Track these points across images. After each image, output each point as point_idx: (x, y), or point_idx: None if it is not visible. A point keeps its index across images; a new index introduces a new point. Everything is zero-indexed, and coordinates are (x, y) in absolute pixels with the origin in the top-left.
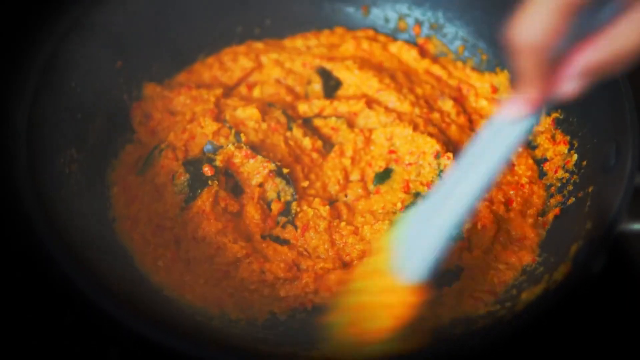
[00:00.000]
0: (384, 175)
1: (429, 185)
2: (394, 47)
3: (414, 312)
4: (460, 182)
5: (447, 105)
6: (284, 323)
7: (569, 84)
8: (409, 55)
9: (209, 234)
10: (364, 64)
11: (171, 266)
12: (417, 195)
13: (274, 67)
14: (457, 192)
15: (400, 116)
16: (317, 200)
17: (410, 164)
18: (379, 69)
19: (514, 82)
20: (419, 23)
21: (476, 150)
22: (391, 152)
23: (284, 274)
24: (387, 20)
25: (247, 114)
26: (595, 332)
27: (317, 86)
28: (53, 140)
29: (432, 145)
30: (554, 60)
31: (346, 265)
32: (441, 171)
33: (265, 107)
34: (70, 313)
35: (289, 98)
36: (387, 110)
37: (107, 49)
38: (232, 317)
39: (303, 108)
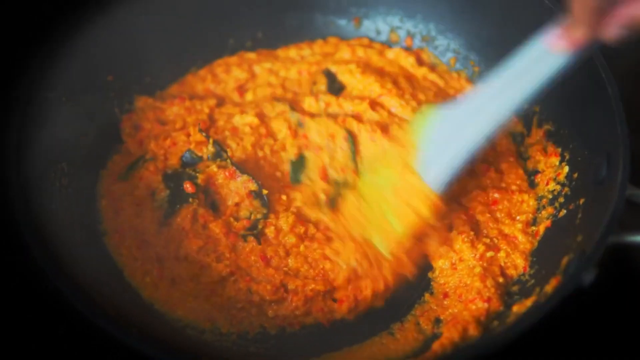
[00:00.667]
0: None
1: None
2: (391, 54)
3: (425, 225)
4: (493, 99)
5: None
6: (274, 336)
7: (612, 31)
8: (407, 62)
9: (190, 252)
10: (367, 68)
11: (158, 283)
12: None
13: (269, 76)
14: (488, 107)
15: (401, 122)
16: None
17: None
18: (380, 74)
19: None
20: (410, 35)
21: (513, 69)
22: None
23: (269, 297)
24: (378, 32)
25: (245, 122)
26: (600, 346)
27: (322, 87)
28: (43, 154)
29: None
30: (603, 8)
31: (333, 290)
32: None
33: (262, 113)
34: (64, 324)
35: (289, 95)
36: (390, 114)
37: (98, 62)
38: (224, 331)
39: (309, 102)
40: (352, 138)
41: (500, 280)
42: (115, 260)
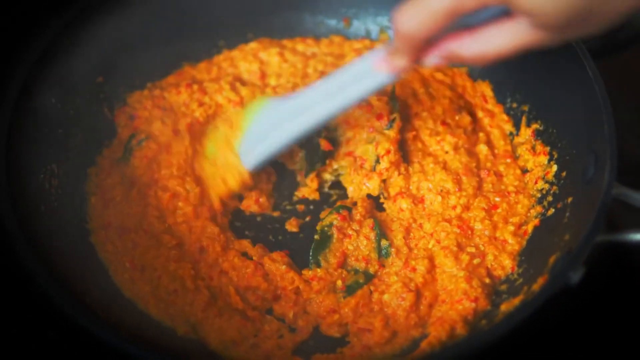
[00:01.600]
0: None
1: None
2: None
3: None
4: (315, 102)
5: (465, 121)
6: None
7: (431, 59)
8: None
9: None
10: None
11: (133, 276)
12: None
13: (288, 66)
14: (310, 108)
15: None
16: None
17: None
18: (402, 86)
19: (388, 44)
20: None
21: (340, 79)
22: None
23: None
24: (368, 32)
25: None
26: (589, 344)
27: None
28: (33, 156)
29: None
30: (425, 43)
31: None
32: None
33: None
34: (54, 327)
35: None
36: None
37: (87, 65)
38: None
39: None
40: (379, 226)
41: (487, 281)
42: (102, 260)
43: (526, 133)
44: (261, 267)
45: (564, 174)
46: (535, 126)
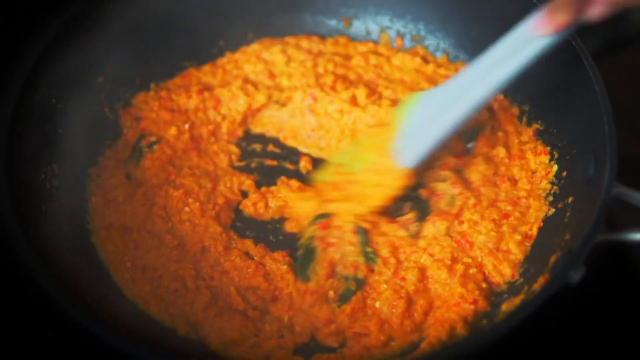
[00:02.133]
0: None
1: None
2: (397, 60)
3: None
4: (474, 82)
5: (484, 117)
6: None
7: (596, 9)
8: (414, 63)
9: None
10: (404, 86)
11: (134, 276)
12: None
13: (298, 65)
14: (469, 91)
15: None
16: None
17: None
18: (413, 89)
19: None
20: (400, 35)
21: (496, 54)
22: None
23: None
24: (368, 32)
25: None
26: (599, 342)
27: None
28: (34, 156)
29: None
30: None
31: None
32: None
33: None
34: (54, 327)
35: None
36: None
37: (87, 65)
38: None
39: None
40: (363, 230)
41: (484, 285)
42: (102, 259)
43: (527, 133)
44: (262, 267)
45: (564, 173)
46: (535, 126)
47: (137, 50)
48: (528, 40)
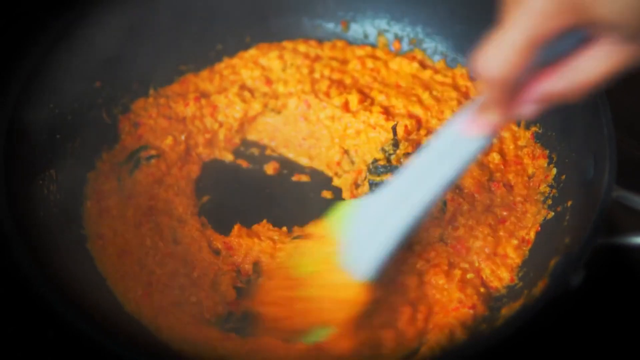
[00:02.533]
0: None
1: None
2: (394, 64)
3: (359, 310)
4: (413, 186)
5: None
6: None
7: (527, 108)
8: (411, 68)
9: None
10: (398, 90)
11: (137, 289)
12: None
13: (294, 71)
14: (409, 195)
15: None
16: None
17: None
18: (406, 95)
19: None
20: (398, 38)
21: (431, 155)
22: None
23: None
24: (366, 35)
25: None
26: (600, 346)
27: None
28: (31, 161)
29: None
30: (516, 87)
31: None
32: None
33: None
34: (54, 327)
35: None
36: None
37: (85, 70)
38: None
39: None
40: None
41: (482, 290)
42: (98, 268)
43: (525, 136)
44: None
45: (563, 177)
46: (534, 129)
47: (135, 55)
48: (461, 141)
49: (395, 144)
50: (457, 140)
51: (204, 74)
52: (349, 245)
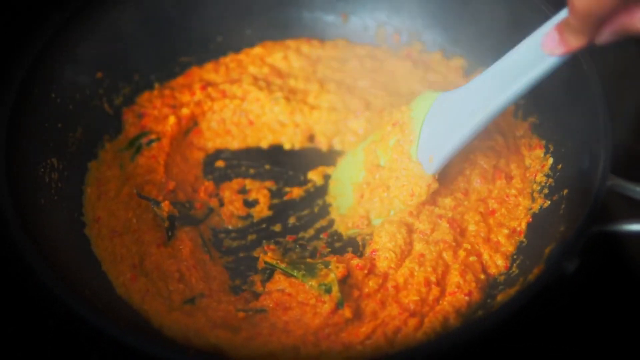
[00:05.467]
0: None
1: None
2: (389, 65)
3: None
4: (488, 91)
5: None
6: None
7: (604, 37)
8: (405, 69)
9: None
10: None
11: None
12: None
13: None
14: (484, 99)
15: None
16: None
17: None
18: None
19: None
20: (397, 31)
21: (508, 63)
22: None
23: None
24: (365, 28)
25: None
26: (595, 333)
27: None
28: (33, 149)
29: None
30: (600, 19)
31: None
32: None
33: None
34: (54, 317)
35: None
36: None
37: (86, 60)
38: None
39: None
40: None
41: (482, 277)
42: (94, 252)
43: (522, 127)
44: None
45: (559, 166)
46: (531, 120)
47: (135, 46)
48: (539, 56)
49: None
50: (537, 52)
51: (208, 66)
52: (424, 138)
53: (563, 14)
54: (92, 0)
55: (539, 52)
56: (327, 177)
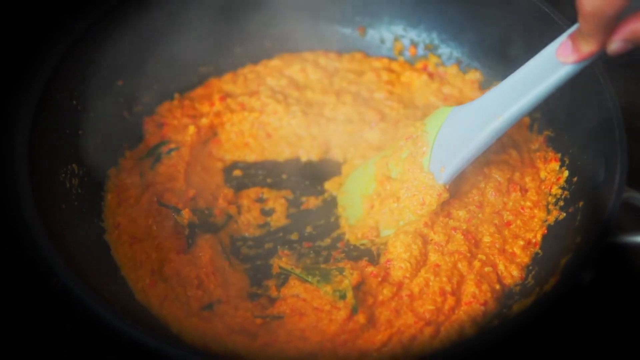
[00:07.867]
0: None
1: None
2: (405, 77)
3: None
4: (504, 101)
5: None
6: None
7: (615, 44)
8: (420, 81)
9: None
10: (410, 104)
11: (147, 280)
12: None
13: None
14: (499, 111)
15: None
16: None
17: None
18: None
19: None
20: (414, 44)
21: (523, 75)
22: None
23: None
24: (382, 41)
25: None
26: (610, 346)
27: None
28: (54, 155)
29: None
30: (611, 23)
31: None
32: None
33: None
34: (71, 320)
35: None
36: None
37: (107, 68)
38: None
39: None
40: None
41: (497, 287)
42: (114, 258)
43: (538, 140)
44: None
45: (575, 179)
46: (547, 133)
47: (156, 55)
48: (554, 65)
49: None
50: (551, 62)
51: (227, 77)
52: (437, 149)
53: (577, 26)
54: (113, 10)
55: (554, 61)
56: None
